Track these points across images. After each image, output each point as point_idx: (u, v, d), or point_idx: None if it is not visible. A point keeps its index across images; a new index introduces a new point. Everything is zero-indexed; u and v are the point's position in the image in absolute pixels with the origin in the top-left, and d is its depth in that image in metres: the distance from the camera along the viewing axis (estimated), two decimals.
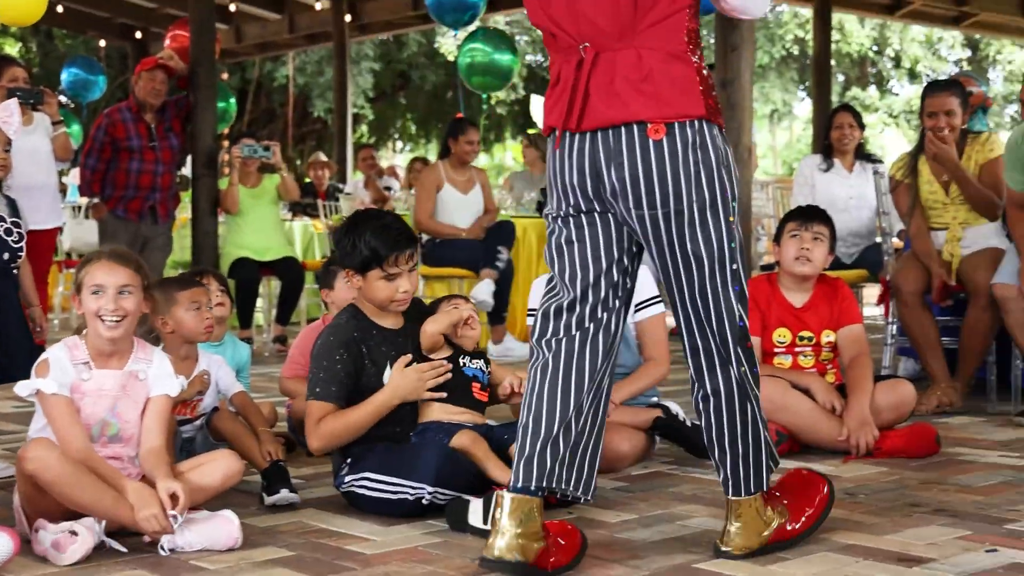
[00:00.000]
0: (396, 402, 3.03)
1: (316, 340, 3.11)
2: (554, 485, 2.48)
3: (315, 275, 4.41)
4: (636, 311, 3.71)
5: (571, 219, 2.52)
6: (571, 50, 2.45)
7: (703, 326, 2.49)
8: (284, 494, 3.07)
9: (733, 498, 2.57)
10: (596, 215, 2.50)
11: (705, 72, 2.45)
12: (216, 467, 2.80)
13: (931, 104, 4.76)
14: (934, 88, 4.82)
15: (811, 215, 4.01)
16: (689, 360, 2.54)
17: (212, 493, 2.79)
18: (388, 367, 3.08)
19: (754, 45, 7.58)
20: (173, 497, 2.60)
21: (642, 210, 2.41)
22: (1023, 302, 4.35)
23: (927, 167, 4.86)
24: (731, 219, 2.46)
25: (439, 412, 3.12)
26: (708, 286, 2.46)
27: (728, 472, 2.56)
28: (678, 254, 2.45)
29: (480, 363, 3.21)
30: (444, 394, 3.11)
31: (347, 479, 3.03)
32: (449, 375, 3.12)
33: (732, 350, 2.49)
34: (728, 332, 2.48)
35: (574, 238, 2.52)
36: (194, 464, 2.83)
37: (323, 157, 10.75)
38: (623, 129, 2.38)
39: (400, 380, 3.04)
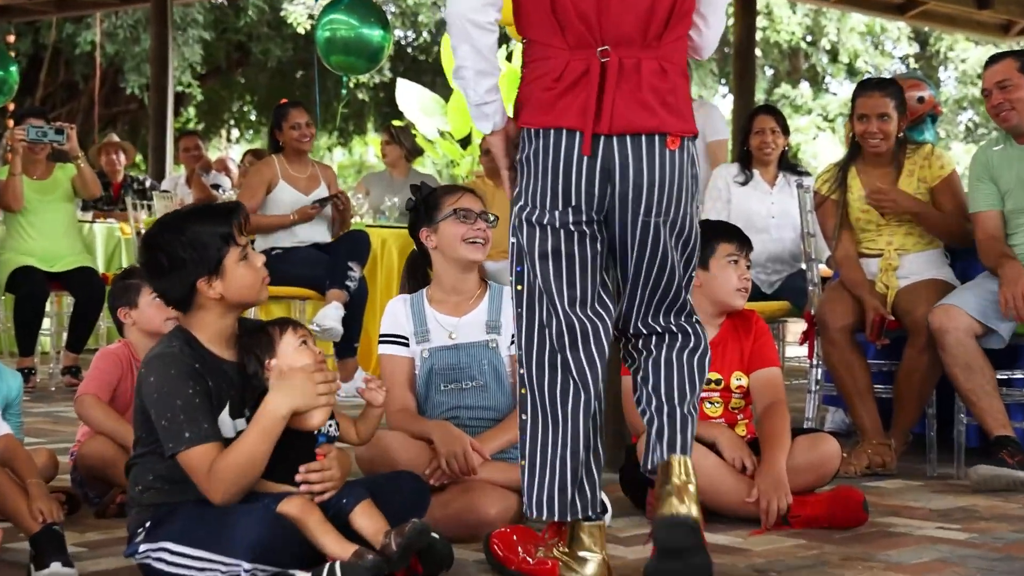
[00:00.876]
0: (285, 412, 2.93)
1: (145, 383, 2.98)
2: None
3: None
4: (513, 343, 3.70)
5: (570, 225, 2.93)
6: (585, 48, 2.86)
7: (660, 313, 3.03)
8: (55, 568, 2.98)
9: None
10: (594, 225, 2.93)
11: None
12: None
13: (862, 105, 4.87)
14: (866, 87, 4.93)
15: (744, 237, 4.09)
16: (633, 325, 3.04)
17: None
18: (227, 409, 3.01)
19: None
20: None
21: (649, 217, 2.91)
22: (962, 334, 4.43)
23: (858, 181, 4.94)
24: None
25: (274, 488, 3.01)
26: (680, 288, 3.02)
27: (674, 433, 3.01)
28: (658, 257, 2.95)
29: (332, 422, 3.14)
30: (330, 407, 3.05)
31: (142, 548, 2.95)
32: (338, 383, 3.08)
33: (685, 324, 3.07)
34: (684, 318, 3.07)
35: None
36: None
37: (116, 138, 10.43)
38: (643, 137, 2.86)
39: (285, 387, 2.95)
